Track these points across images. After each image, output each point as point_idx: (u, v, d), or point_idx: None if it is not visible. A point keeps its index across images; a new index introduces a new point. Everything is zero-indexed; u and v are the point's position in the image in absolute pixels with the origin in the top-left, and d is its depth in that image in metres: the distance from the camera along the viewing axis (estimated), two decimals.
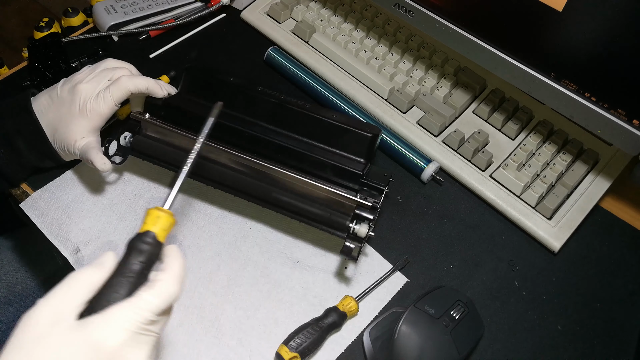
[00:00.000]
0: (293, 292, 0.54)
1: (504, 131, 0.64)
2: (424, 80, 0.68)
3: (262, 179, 0.54)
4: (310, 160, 0.53)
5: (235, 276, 0.54)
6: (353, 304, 0.51)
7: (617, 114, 0.50)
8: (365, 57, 0.69)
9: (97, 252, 0.54)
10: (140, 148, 0.56)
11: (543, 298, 0.55)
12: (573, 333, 0.53)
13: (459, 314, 0.50)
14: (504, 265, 0.57)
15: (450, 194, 0.62)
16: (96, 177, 0.60)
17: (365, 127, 0.54)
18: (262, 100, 0.55)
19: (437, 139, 0.64)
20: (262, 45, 0.73)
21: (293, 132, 0.55)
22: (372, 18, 0.72)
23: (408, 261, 0.56)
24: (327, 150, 0.54)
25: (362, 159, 0.53)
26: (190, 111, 0.55)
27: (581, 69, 0.50)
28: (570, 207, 0.59)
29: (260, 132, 0.54)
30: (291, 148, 0.53)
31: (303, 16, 0.74)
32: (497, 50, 0.55)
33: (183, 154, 0.54)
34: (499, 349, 0.52)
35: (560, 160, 0.61)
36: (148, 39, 0.74)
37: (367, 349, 0.50)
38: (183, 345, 0.50)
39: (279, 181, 0.53)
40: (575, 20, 0.48)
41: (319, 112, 0.55)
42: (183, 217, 0.58)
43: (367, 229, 0.50)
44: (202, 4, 0.77)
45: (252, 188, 0.54)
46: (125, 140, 0.57)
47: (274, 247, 0.56)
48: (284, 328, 0.51)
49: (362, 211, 0.51)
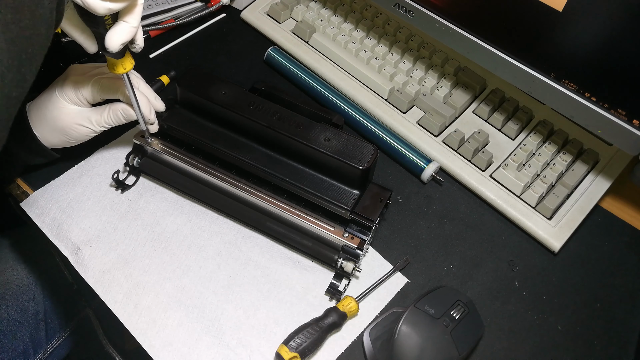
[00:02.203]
0: (293, 292, 0.54)
1: (504, 131, 0.64)
2: (424, 80, 0.68)
3: (255, 207, 0.56)
4: (300, 194, 0.54)
5: (235, 276, 0.54)
6: (353, 304, 0.51)
7: (617, 114, 0.50)
8: (365, 57, 0.69)
9: (97, 251, 0.55)
10: (147, 170, 0.59)
11: (543, 298, 0.55)
12: (573, 333, 0.53)
13: (459, 314, 0.50)
14: (504, 265, 0.57)
15: (450, 194, 0.62)
16: (96, 177, 0.60)
17: (360, 153, 0.52)
18: (253, 123, 0.54)
19: (437, 139, 0.64)
20: (262, 45, 0.73)
21: (285, 156, 0.55)
22: (372, 18, 0.72)
23: (408, 262, 0.56)
24: (319, 179, 0.54)
25: (355, 190, 0.54)
26: (186, 132, 0.57)
27: (581, 69, 0.50)
28: (570, 207, 0.59)
29: (250, 159, 0.55)
30: (282, 178, 0.54)
31: (303, 16, 0.74)
32: (497, 50, 0.55)
33: (182, 176, 0.58)
34: (499, 349, 0.52)
35: (561, 160, 0.61)
36: (148, 39, 0.74)
37: (367, 349, 0.50)
38: (183, 345, 0.50)
39: (272, 212, 0.55)
40: (575, 20, 0.48)
41: (310, 138, 0.53)
42: (183, 217, 0.58)
43: (352, 269, 0.52)
44: (202, 4, 0.77)
45: (245, 215, 0.56)
46: (134, 162, 0.59)
47: (275, 247, 0.56)
48: (284, 328, 0.51)
49: (349, 248, 0.52)
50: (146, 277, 0.53)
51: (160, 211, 0.58)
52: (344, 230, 0.53)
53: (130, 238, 0.56)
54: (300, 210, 0.54)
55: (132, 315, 0.51)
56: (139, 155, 0.59)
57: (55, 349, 0.74)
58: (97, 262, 0.54)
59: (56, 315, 0.73)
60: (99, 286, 0.53)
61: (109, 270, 0.54)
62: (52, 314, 0.73)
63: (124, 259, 0.54)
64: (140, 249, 0.55)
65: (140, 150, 0.59)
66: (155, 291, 0.53)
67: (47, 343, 0.72)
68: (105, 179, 0.60)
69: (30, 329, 0.70)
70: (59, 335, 0.74)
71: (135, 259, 0.54)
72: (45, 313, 0.72)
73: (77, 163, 0.61)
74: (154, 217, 0.57)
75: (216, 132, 0.57)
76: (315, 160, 0.53)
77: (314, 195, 0.53)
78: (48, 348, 0.73)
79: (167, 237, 0.56)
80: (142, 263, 0.54)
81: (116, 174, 0.58)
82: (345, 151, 0.52)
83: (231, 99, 0.55)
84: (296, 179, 0.54)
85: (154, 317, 0.51)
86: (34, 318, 0.70)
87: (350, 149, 0.52)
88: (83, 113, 0.53)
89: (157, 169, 0.59)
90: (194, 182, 0.58)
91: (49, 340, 0.73)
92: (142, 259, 0.55)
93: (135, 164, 0.59)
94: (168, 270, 0.54)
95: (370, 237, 0.53)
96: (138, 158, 0.59)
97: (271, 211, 0.55)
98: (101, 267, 0.54)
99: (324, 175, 0.54)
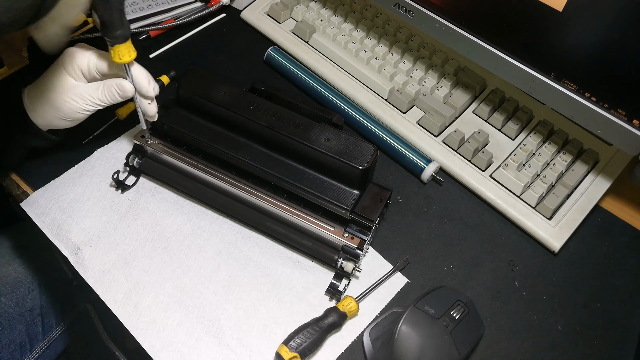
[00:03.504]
0: (293, 292, 0.54)
1: (504, 131, 0.64)
2: (424, 80, 0.68)
3: (255, 207, 0.56)
4: (300, 194, 0.54)
5: (235, 276, 0.54)
6: (353, 304, 0.51)
7: (617, 114, 0.50)
8: (365, 57, 0.69)
9: (97, 251, 0.55)
10: (148, 170, 0.59)
11: (543, 298, 0.55)
12: (573, 333, 0.53)
13: (459, 314, 0.50)
14: (504, 265, 0.57)
15: (450, 194, 0.62)
16: (96, 176, 0.60)
17: (359, 153, 0.52)
18: (253, 123, 0.54)
19: (437, 139, 0.64)
20: (262, 45, 0.73)
21: (285, 156, 0.55)
22: (372, 18, 0.72)
23: (408, 262, 0.56)
24: (318, 179, 0.54)
25: (355, 190, 0.53)
26: (186, 132, 0.57)
27: (581, 69, 0.50)
28: (570, 207, 0.59)
29: (249, 159, 0.55)
30: (282, 178, 0.54)
31: (303, 16, 0.74)
32: (497, 50, 0.55)
33: (182, 176, 0.58)
34: (499, 349, 0.52)
35: (561, 160, 0.61)
36: (148, 39, 0.74)
37: (367, 349, 0.50)
38: (183, 345, 0.50)
39: (272, 212, 0.55)
40: (575, 21, 0.48)
41: (310, 138, 0.53)
42: (183, 217, 0.58)
43: (352, 269, 0.52)
44: (202, 4, 0.77)
45: (245, 215, 0.56)
46: (134, 162, 0.59)
47: (275, 247, 0.56)
48: (284, 328, 0.51)
49: (349, 248, 0.53)
50: (146, 277, 0.53)
51: (160, 211, 0.58)
52: (344, 230, 0.53)
53: (130, 238, 0.56)
54: (300, 210, 0.54)
55: (132, 315, 0.51)
56: (139, 156, 0.59)
57: (52, 343, 0.74)
58: (97, 262, 0.54)
59: (53, 309, 0.74)
60: (99, 286, 0.53)
61: (109, 270, 0.54)
62: (49, 309, 0.73)
63: (124, 259, 0.54)
64: (140, 249, 0.55)
65: (140, 150, 0.59)
66: (155, 291, 0.53)
67: (43, 337, 0.73)
68: (105, 179, 0.60)
69: (26, 323, 0.70)
70: (56, 329, 0.75)
71: (135, 259, 0.54)
72: (41, 307, 0.72)
73: (77, 163, 0.61)
74: (154, 217, 0.57)
75: (216, 132, 0.57)
76: (315, 160, 0.53)
77: (313, 195, 0.53)
78: (45, 342, 0.73)
79: (167, 237, 0.56)
80: (142, 263, 0.54)
81: (116, 174, 0.58)
82: (345, 151, 0.52)
83: (231, 99, 0.55)
84: (296, 179, 0.54)
85: (154, 317, 0.51)
86: (31, 312, 0.71)
87: (350, 149, 0.52)
88: (77, 88, 0.51)
89: (157, 169, 0.59)
90: (194, 182, 0.58)
91: (46, 334, 0.73)
92: (142, 259, 0.55)
93: (135, 164, 0.59)
94: (168, 270, 0.54)
95: (370, 237, 0.53)
96: (138, 158, 0.59)
97: (271, 211, 0.55)
98: (101, 267, 0.54)
99: (324, 175, 0.54)
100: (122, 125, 0.64)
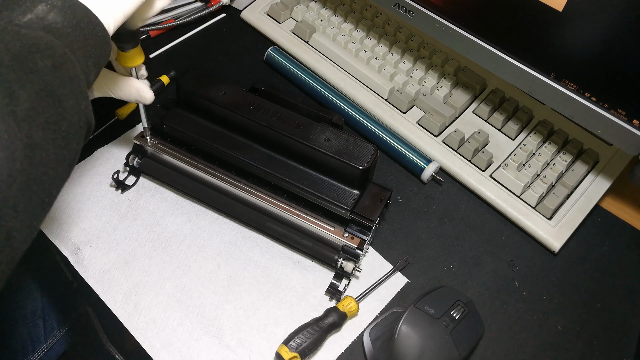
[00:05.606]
0: (293, 292, 0.54)
1: (504, 131, 0.64)
2: (424, 80, 0.68)
3: (255, 207, 0.56)
4: (300, 194, 0.54)
5: (235, 276, 0.54)
6: (353, 304, 0.51)
7: (617, 114, 0.50)
8: (365, 57, 0.69)
9: (97, 251, 0.55)
10: (148, 170, 0.59)
11: (543, 298, 0.55)
12: (573, 333, 0.53)
13: (459, 314, 0.50)
14: (504, 265, 0.57)
15: (450, 194, 0.62)
16: (96, 176, 0.60)
17: (360, 153, 0.52)
18: (253, 123, 0.54)
19: (437, 139, 0.64)
20: (262, 45, 0.73)
21: (285, 156, 0.55)
22: (372, 18, 0.72)
23: (408, 262, 0.56)
24: (318, 179, 0.54)
25: (355, 190, 0.53)
26: (186, 132, 0.57)
27: (581, 69, 0.50)
28: (570, 207, 0.59)
29: (249, 159, 0.55)
30: (282, 178, 0.54)
31: (303, 16, 0.74)
32: (497, 50, 0.55)
33: (182, 176, 0.58)
34: (499, 349, 0.52)
35: (561, 160, 0.61)
36: (148, 39, 0.74)
37: (367, 349, 0.50)
38: (183, 345, 0.50)
39: (272, 212, 0.55)
40: (575, 20, 0.48)
41: (310, 138, 0.53)
42: (183, 217, 0.58)
43: (352, 269, 0.52)
44: (202, 4, 0.77)
45: (245, 215, 0.56)
46: (134, 162, 0.59)
47: (275, 247, 0.56)
48: (284, 328, 0.51)
49: (349, 248, 0.53)
50: (146, 277, 0.53)
51: (160, 211, 0.58)
52: (344, 230, 0.53)
53: (130, 238, 0.56)
54: (300, 210, 0.54)
55: (132, 315, 0.51)
56: (139, 156, 0.59)
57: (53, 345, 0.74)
58: (97, 262, 0.54)
59: (54, 311, 0.74)
60: (99, 286, 0.53)
61: (109, 270, 0.54)
62: (50, 311, 0.73)
63: (124, 259, 0.54)
64: (140, 249, 0.55)
65: (140, 150, 0.59)
66: (155, 291, 0.53)
67: (45, 339, 0.73)
68: (105, 179, 0.60)
69: (28, 325, 0.70)
70: (57, 331, 0.74)
71: (135, 259, 0.54)
72: (43, 309, 0.72)
73: (77, 163, 0.60)
74: (154, 217, 0.57)
75: (216, 132, 0.57)
76: (315, 160, 0.53)
77: (313, 195, 0.53)
78: (46, 344, 0.73)
79: (167, 237, 0.56)
80: (142, 263, 0.54)
81: (116, 174, 0.58)
82: (345, 151, 0.52)
83: (231, 99, 0.55)
84: (296, 179, 0.54)
85: (154, 317, 0.51)
86: (32, 315, 0.71)
87: (350, 149, 0.52)
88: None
89: (157, 169, 0.59)
90: (194, 182, 0.58)
91: (47, 337, 0.73)
92: (142, 259, 0.55)
93: (135, 164, 0.59)
94: (168, 270, 0.54)
95: (370, 237, 0.53)
96: (138, 158, 0.59)
97: (271, 211, 0.55)
98: (101, 267, 0.54)
99: (324, 175, 0.54)
100: (122, 125, 0.64)
